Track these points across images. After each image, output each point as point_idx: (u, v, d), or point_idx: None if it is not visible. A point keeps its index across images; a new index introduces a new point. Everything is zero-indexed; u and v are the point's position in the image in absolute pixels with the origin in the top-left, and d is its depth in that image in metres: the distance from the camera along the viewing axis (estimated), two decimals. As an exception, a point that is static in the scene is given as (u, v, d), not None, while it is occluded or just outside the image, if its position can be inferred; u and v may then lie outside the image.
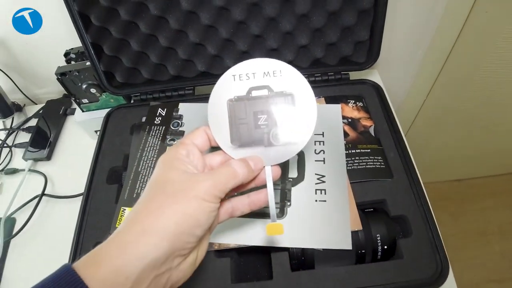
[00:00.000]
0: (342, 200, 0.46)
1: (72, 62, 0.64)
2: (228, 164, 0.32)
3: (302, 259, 0.44)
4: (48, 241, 0.61)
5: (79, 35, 0.55)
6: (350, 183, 0.47)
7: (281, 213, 0.45)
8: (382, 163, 0.50)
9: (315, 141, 0.50)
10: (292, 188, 0.47)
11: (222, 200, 0.31)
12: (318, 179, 0.47)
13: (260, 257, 0.47)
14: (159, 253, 0.25)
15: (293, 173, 0.48)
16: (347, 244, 0.43)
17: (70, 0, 0.51)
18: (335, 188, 0.46)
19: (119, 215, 0.48)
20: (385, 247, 0.45)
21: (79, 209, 0.51)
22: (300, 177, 0.47)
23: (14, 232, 0.63)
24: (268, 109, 0.35)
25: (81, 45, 0.63)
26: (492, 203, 1.16)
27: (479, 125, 0.97)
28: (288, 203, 0.46)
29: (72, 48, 0.65)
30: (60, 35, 0.69)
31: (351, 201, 0.46)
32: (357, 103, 0.55)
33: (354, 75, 0.61)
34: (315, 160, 0.49)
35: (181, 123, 0.54)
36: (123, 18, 0.53)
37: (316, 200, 0.46)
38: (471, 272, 1.04)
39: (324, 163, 0.48)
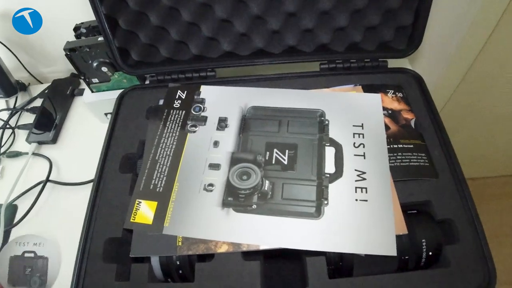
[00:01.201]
0: (386, 200, 0.40)
1: (83, 38, 0.57)
2: None
3: (340, 265, 0.39)
4: (52, 231, 0.55)
5: (92, 6, 0.48)
6: (394, 181, 0.42)
7: (318, 212, 0.39)
8: (426, 161, 0.44)
9: (353, 133, 0.44)
10: (330, 185, 0.41)
11: None
12: (358, 175, 0.41)
13: (291, 261, 0.41)
14: None
15: (330, 168, 0.42)
16: (391, 250, 0.38)
17: (83, -35, 0.44)
18: (377, 186, 0.41)
19: (134, 209, 0.41)
20: (430, 253, 0.39)
21: (89, 200, 0.45)
22: (338, 173, 0.41)
23: (15, 220, 0.57)
24: None
25: (92, 19, 0.56)
26: (507, 205, 1.11)
27: (500, 124, 0.92)
28: (325, 202, 0.40)
29: (82, 22, 0.59)
30: (70, 8, 0.62)
31: (395, 202, 0.40)
32: (397, 93, 0.49)
33: (388, 63, 0.55)
34: (355, 155, 0.43)
35: (203, 107, 0.48)
36: (142, -13, 0.47)
37: (356, 200, 0.40)
38: (483, 273, 1.00)
39: (364, 158, 0.42)
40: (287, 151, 0.43)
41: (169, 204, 0.41)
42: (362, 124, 0.45)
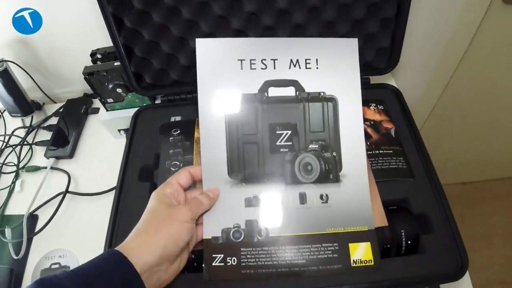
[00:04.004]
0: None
1: (98, 63, 0.67)
2: (195, 197, 0.43)
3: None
4: (72, 238, 0.64)
5: (111, 37, 0.57)
6: (376, 182, 0.51)
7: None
8: (404, 164, 0.54)
9: None
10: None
11: (198, 224, 0.44)
12: None
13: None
14: (153, 258, 0.37)
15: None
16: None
17: (104, 2, 0.54)
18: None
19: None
20: (409, 242, 0.49)
21: (112, 206, 0.54)
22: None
23: (37, 229, 0.65)
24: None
25: (106, 45, 0.67)
26: (497, 207, 1.21)
27: (487, 128, 1.02)
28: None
29: (98, 49, 0.69)
30: (83, 35, 0.72)
31: (377, 198, 0.50)
32: (378, 106, 0.60)
33: (372, 79, 0.65)
34: None
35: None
36: (155, 21, 0.57)
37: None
38: (476, 274, 1.09)
39: None
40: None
41: None
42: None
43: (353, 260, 0.44)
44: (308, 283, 0.45)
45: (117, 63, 0.64)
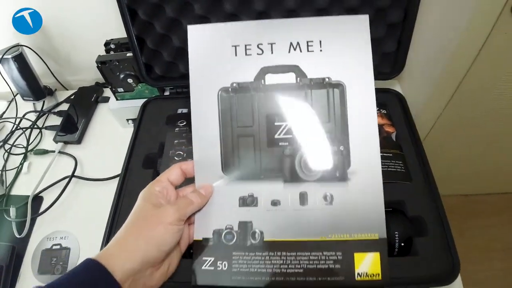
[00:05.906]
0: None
1: (111, 52, 0.70)
2: (185, 196, 0.40)
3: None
4: (75, 221, 0.66)
5: (125, 28, 0.60)
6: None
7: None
8: (403, 167, 0.55)
9: None
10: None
11: (191, 224, 0.42)
12: None
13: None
14: (134, 264, 0.35)
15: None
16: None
17: (120, -8, 0.56)
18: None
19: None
20: (402, 244, 0.50)
21: (116, 190, 0.56)
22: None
23: (41, 210, 0.67)
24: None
25: (120, 36, 0.69)
26: (497, 221, 1.21)
27: (491, 141, 1.02)
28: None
29: (112, 39, 0.71)
30: (98, 25, 0.75)
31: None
32: (381, 110, 0.61)
33: (377, 84, 0.67)
34: None
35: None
36: (168, 14, 0.59)
37: None
38: (472, 287, 1.09)
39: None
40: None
41: None
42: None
43: (358, 273, 0.40)
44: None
45: (129, 54, 0.66)
